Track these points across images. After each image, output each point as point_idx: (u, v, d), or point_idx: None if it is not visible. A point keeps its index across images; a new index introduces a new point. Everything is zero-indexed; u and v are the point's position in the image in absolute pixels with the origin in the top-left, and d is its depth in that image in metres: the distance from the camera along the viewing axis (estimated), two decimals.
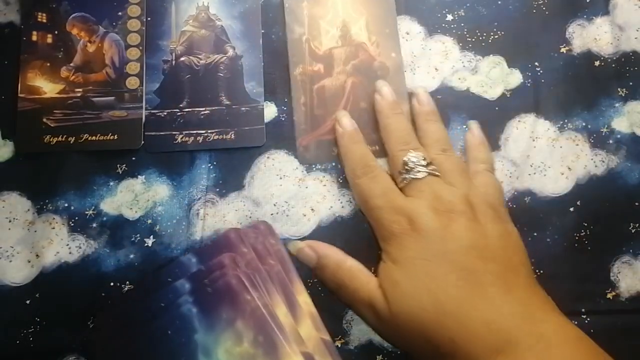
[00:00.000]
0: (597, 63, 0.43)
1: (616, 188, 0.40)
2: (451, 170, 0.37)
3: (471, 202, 0.35)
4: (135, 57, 0.41)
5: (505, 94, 0.42)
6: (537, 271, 0.38)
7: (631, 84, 0.42)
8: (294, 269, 0.35)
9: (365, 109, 0.41)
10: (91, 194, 0.39)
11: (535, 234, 0.39)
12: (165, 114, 0.40)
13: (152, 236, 0.38)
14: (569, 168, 0.40)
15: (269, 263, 0.34)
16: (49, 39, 0.41)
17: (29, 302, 0.37)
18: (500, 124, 0.41)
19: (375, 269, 0.36)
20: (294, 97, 0.41)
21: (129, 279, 0.37)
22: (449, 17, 0.43)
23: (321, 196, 0.39)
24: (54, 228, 0.38)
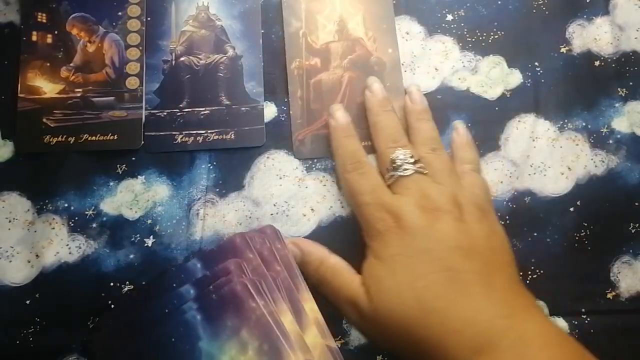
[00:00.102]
0: (597, 63, 0.43)
1: (616, 188, 0.40)
2: (440, 169, 0.36)
3: (458, 202, 0.35)
4: (135, 57, 0.41)
5: (505, 94, 0.42)
6: (537, 271, 0.39)
7: (631, 84, 0.42)
8: (300, 275, 0.35)
9: (361, 104, 0.41)
10: (91, 194, 0.39)
11: (535, 234, 0.39)
12: (165, 114, 0.40)
13: (152, 236, 0.38)
14: (569, 168, 0.40)
15: (275, 269, 0.34)
16: (48, 39, 0.41)
17: (29, 302, 0.37)
18: (500, 124, 0.41)
19: None
20: (290, 92, 0.41)
21: (128, 279, 0.37)
22: (449, 17, 0.43)
23: (321, 196, 0.39)
24: (53, 228, 0.38)
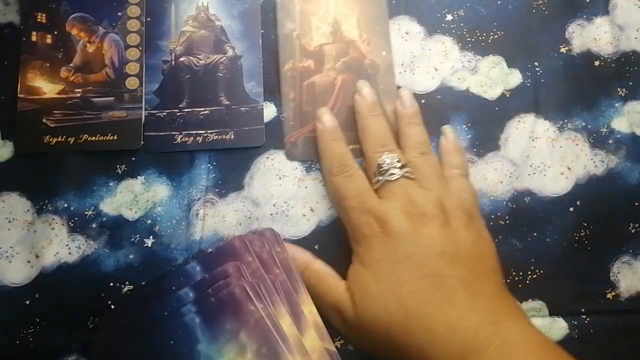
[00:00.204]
0: (597, 63, 0.43)
1: (616, 188, 0.40)
2: (428, 174, 0.36)
3: (445, 207, 0.35)
4: (134, 58, 0.41)
5: (505, 94, 0.42)
6: (537, 271, 0.38)
7: (631, 84, 0.42)
8: (299, 279, 0.35)
9: (354, 106, 0.40)
10: (91, 195, 0.39)
11: (535, 234, 0.39)
12: (164, 114, 0.40)
13: (151, 236, 0.38)
14: (568, 168, 0.40)
15: (274, 272, 0.34)
16: (48, 39, 0.41)
17: (28, 303, 0.37)
18: (500, 124, 0.41)
19: None
20: (283, 93, 0.41)
21: (128, 280, 0.37)
22: (449, 17, 0.43)
23: (321, 196, 0.39)
24: (53, 228, 0.38)
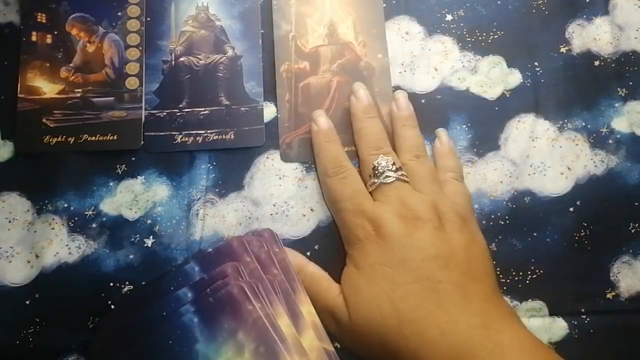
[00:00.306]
0: (596, 63, 0.43)
1: (616, 188, 0.40)
2: (422, 177, 0.36)
3: (439, 210, 0.35)
4: (134, 58, 0.41)
5: (505, 94, 0.42)
6: (537, 271, 0.38)
7: (631, 83, 0.42)
8: (297, 279, 0.35)
9: (349, 108, 0.40)
10: (91, 195, 0.39)
11: (535, 234, 0.39)
12: (164, 114, 0.40)
13: (151, 236, 0.38)
14: (568, 168, 0.40)
15: (273, 272, 0.34)
16: (48, 39, 0.41)
17: (28, 303, 0.37)
18: (500, 124, 0.41)
19: None
20: (278, 95, 0.41)
21: (128, 280, 0.37)
22: (449, 17, 0.43)
23: (321, 196, 0.39)
24: (53, 228, 0.38)
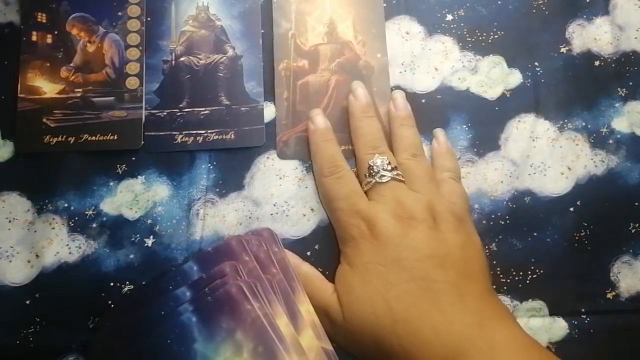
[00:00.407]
0: (597, 63, 0.43)
1: (616, 188, 0.40)
2: (418, 177, 0.36)
3: (434, 210, 0.35)
4: (135, 57, 0.41)
5: (505, 94, 0.42)
6: (537, 271, 0.38)
7: (631, 84, 0.42)
8: (296, 278, 0.35)
9: (347, 107, 0.40)
10: (91, 194, 0.39)
11: (535, 234, 0.39)
12: (165, 114, 0.40)
13: (152, 236, 0.38)
14: (568, 168, 0.40)
15: (271, 272, 0.34)
16: (48, 39, 0.41)
17: (29, 302, 0.37)
18: (500, 124, 0.41)
19: None
20: (276, 93, 0.41)
21: (128, 279, 0.37)
22: (449, 17, 0.43)
23: None
24: (53, 228, 0.38)
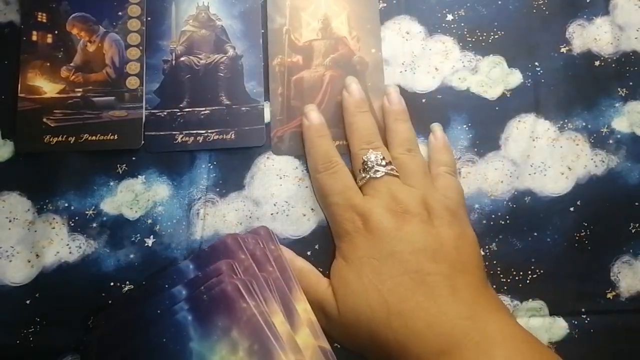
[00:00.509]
0: (597, 63, 0.43)
1: (616, 188, 0.40)
2: (413, 171, 0.37)
3: (429, 204, 0.35)
4: (135, 57, 0.41)
5: (506, 93, 0.42)
6: (537, 271, 0.39)
7: (631, 84, 0.42)
8: (293, 276, 0.35)
9: (341, 103, 0.40)
10: (91, 194, 0.39)
11: (535, 234, 0.39)
12: (165, 113, 0.40)
13: (152, 236, 0.38)
14: (569, 168, 0.40)
15: (268, 270, 0.34)
16: (49, 38, 0.41)
17: (29, 302, 0.37)
18: (501, 124, 0.41)
19: None
20: (270, 88, 0.41)
21: (129, 279, 0.37)
22: (449, 17, 0.43)
23: None
24: (54, 228, 0.38)
